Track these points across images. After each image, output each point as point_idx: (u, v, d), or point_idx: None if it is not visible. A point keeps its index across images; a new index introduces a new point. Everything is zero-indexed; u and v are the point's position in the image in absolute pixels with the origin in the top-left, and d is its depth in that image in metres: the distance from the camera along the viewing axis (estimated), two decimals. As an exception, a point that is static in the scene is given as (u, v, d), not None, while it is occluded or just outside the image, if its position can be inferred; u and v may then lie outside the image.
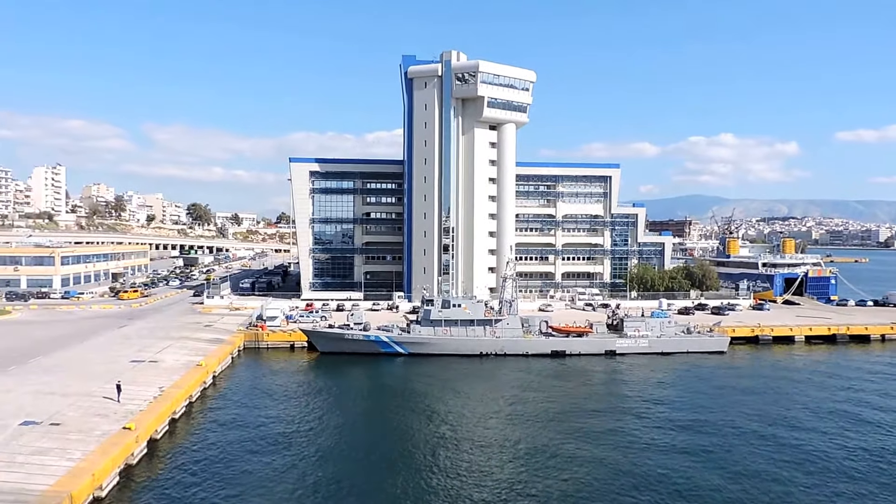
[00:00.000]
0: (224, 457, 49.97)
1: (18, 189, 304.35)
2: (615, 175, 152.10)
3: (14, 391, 58.24)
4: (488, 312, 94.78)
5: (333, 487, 44.58)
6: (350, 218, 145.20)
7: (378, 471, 47.88)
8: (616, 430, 58.23)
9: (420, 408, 66.09)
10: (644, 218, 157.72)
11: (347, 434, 57.08)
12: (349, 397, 72.48)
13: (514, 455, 51.40)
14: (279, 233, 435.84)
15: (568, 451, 52.30)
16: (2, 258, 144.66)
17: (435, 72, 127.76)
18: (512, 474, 47.17)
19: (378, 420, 62.56)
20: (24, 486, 37.39)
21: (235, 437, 55.03)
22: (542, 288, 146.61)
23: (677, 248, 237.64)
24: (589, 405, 67.14)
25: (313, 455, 51.02)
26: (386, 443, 54.53)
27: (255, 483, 44.82)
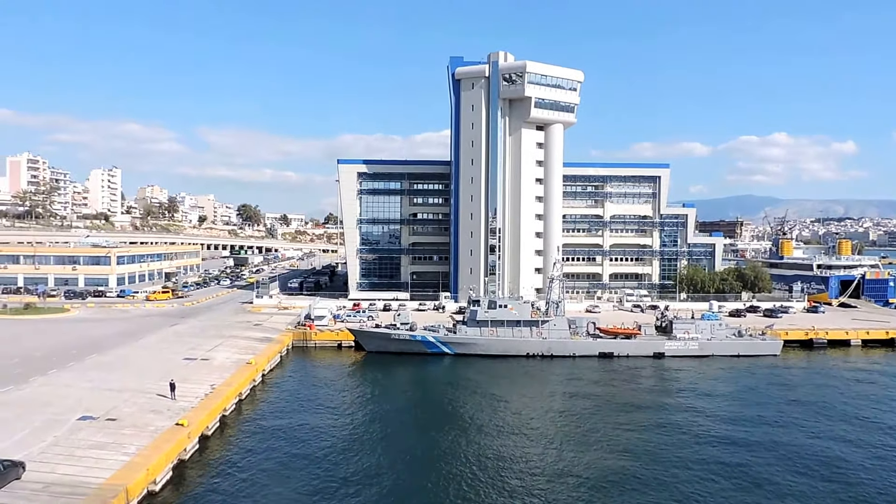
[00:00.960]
0: (272, 453, 51.13)
1: (77, 191, 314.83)
2: (664, 175, 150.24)
3: (73, 387, 60.50)
4: (535, 313, 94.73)
5: (378, 486, 45.25)
6: (397, 218, 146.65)
7: (422, 469, 48.42)
8: (663, 433, 57.57)
9: (466, 408, 66.58)
10: (694, 218, 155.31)
11: (393, 433, 57.76)
12: (395, 397, 73.36)
13: (558, 457, 51.29)
14: (327, 233, 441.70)
15: (613, 455, 52.03)
16: (61, 258, 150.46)
17: (482, 73, 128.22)
18: (554, 477, 47.10)
19: (423, 419, 63.13)
20: (82, 479, 38.80)
21: (283, 434, 56.19)
22: (590, 289, 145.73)
23: (728, 249, 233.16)
24: (636, 408, 66.60)
25: (359, 453, 51.80)
26: (430, 442, 55.00)
27: (302, 480, 45.80)
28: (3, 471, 37.07)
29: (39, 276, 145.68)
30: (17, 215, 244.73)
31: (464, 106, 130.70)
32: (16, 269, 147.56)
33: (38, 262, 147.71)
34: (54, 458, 41.79)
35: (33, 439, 45.10)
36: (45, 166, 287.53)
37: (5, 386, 59.71)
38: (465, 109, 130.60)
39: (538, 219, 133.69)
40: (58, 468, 40.18)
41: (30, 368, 67.20)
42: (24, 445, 43.58)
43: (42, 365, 69.04)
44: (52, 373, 65.80)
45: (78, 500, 35.84)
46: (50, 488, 37.19)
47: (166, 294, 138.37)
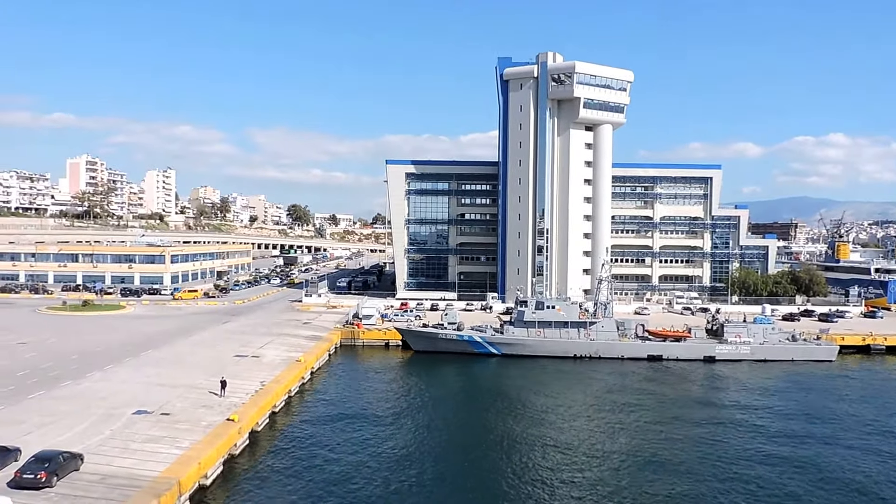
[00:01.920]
0: (319, 450, 51.67)
1: (133, 191, 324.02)
2: (716, 176, 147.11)
3: (128, 382, 62.17)
4: (583, 314, 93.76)
5: (421, 484, 45.43)
6: (445, 219, 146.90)
7: (465, 468, 48.32)
8: (710, 442, 55.89)
9: (512, 408, 66.26)
10: (746, 220, 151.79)
11: (438, 432, 57.91)
12: (442, 396, 73.47)
13: (604, 461, 50.60)
14: (375, 233, 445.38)
15: (660, 459, 50.99)
16: (117, 256, 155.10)
17: (530, 73, 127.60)
18: (599, 480, 46.38)
19: (469, 419, 63.17)
20: (137, 472, 39.76)
21: (331, 431, 56.82)
22: (638, 291, 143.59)
23: (782, 251, 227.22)
24: (686, 412, 65.43)
25: (405, 451, 52.05)
26: (475, 441, 54.92)
27: (348, 476, 46.15)
28: (63, 462, 38.27)
29: (97, 274, 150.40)
30: (77, 215, 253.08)
31: (512, 107, 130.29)
32: (75, 266, 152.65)
33: (95, 261, 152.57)
34: (111, 451, 42.98)
35: (91, 432, 46.48)
36: (102, 167, 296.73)
37: (65, 380, 61.75)
38: (513, 110, 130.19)
39: (586, 220, 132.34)
40: (114, 460, 41.31)
41: (88, 364, 69.37)
42: (82, 438, 44.94)
43: (99, 360, 71.17)
44: (108, 368, 67.77)
45: (133, 492, 36.76)
46: (106, 480, 38.24)
47: (194, 293, 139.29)
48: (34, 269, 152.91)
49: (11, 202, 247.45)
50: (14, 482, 36.42)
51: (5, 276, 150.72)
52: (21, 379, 61.88)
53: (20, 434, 44.85)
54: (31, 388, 58.62)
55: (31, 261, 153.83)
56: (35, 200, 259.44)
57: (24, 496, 35.21)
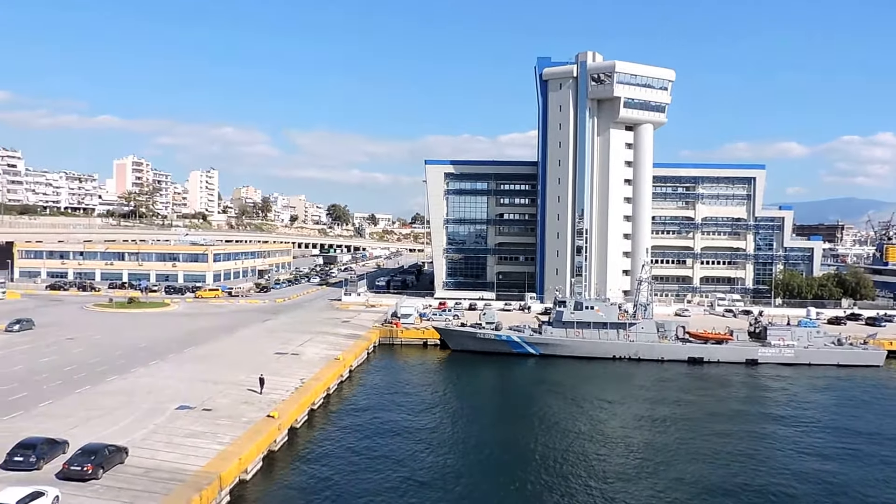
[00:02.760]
0: (357, 448, 52.03)
1: (177, 191, 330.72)
2: (760, 176, 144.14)
3: (172, 377, 63.38)
4: (622, 315, 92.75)
5: (457, 485, 45.36)
6: (483, 219, 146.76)
7: (502, 471, 48.04)
8: (752, 449, 54.70)
9: (550, 410, 65.81)
10: (791, 221, 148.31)
11: (476, 432, 57.84)
12: (479, 395, 73.51)
13: (641, 466, 49.81)
14: (413, 233, 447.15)
15: (697, 465, 50.13)
16: (162, 255, 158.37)
17: (570, 73, 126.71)
18: (634, 486, 45.74)
19: (506, 420, 62.86)
20: (179, 466, 40.55)
21: (369, 429, 57.14)
22: (679, 292, 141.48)
23: (828, 253, 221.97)
24: (727, 416, 64.20)
25: (441, 450, 52.13)
26: (512, 443, 54.63)
27: (385, 474, 46.42)
28: (109, 455, 39.21)
29: (142, 272, 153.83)
30: (123, 214, 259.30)
31: (551, 106, 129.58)
32: (121, 265, 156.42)
33: (141, 259, 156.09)
34: (154, 445, 43.90)
35: (136, 426, 47.53)
36: (148, 168, 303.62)
37: (111, 376, 63.30)
38: (552, 110, 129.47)
39: (626, 220, 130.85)
40: (157, 454, 42.19)
41: (133, 359, 71.00)
42: (127, 432, 45.98)
43: (144, 356, 72.79)
44: (153, 364, 69.26)
45: (175, 485, 37.49)
46: (150, 473, 39.06)
47: (214, 292, 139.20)
48: (82, 267, 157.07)
49: (61, 202, 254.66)
50: (62, 474, 37.43)
51: (55, 274, 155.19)
52: (69, 374, 63.62)
53: (68, 427, 46.12)
54: (78, 382, 60.22)
55: (79, 259, 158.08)
56: (83, 200, 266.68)
57: (71, 487, 36.15)
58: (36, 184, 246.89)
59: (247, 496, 41.67)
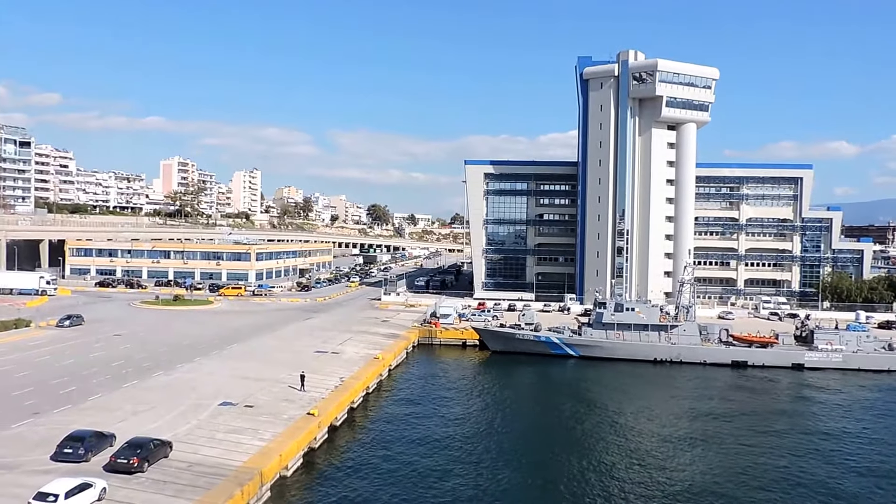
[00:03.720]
0: (396, 446, 52.31)
1: (221, 191, 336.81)
2: (807, 176, 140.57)
3: (215, 374, 64.53)
4: (664, 318, 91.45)
5: (495, 482, 45.28)
6: (523, 219, 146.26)
7: (537, 471, 47.85)
8: (797, 456, 53.31)
9: (589, 411, 65.29)
10: (840, 223, 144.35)
11: (513, 433, 57.66)
12: (518, 396, 73.20)
13: (680, 473, 48.90)
14: (453, 233, 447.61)
15: (738, 473, 48.69)
16: (206, 254, 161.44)
17: (611, 72, 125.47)
18: (672, 493, 45.03)
19: (544, 421, 62.47)
20: (221, 461, 41.19)
21: (407, 427, 57.41)
22: (723, 294, 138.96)
23: (878, 256, 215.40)
24: (771, 422, 62.71)
25: (479, 450, 52.03)
26: (549, 444, 54.33)
27: (423, 473, 46.53)
28: (154, 449, 40.10)
29: (187, 271, 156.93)
30: (169, 214, 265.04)
31: (592, 106, 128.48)
32: (167, 263, 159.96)
33: (186, 258, 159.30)
34: (197, 440, 44.73)
35: (179, 421, 48.52)
36: (193, 168, 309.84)
37: (156, 371, 64.72)
38: (592, 109, 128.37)
39: (668, 221, 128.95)
40: (200, 449, 42.96)
41: (177, 356, 72.46)
42: (171, 427, 46.96)
43: (188, 353, 74.24)
44: (197, 360, 70.61)
45: (218, 480, 38.12)
46: (193, 468, 39.82)
47: (237, 290, 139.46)
48: (130, 264, 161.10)
49: (110, 201, 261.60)
50: (109, 466, 38.39)
51: (104, 271, 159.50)
52: (116, 369, 65.25)
53: (115, 421, 47.30)
54: (125, 377, 61.73)
55: (126, 257, 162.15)
56: (131, 200, 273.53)
57: (118, 480, 37.03)
58: (86, 183, 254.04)
59: (287, 492, 42.15)
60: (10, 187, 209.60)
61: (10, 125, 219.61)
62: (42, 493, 32.82)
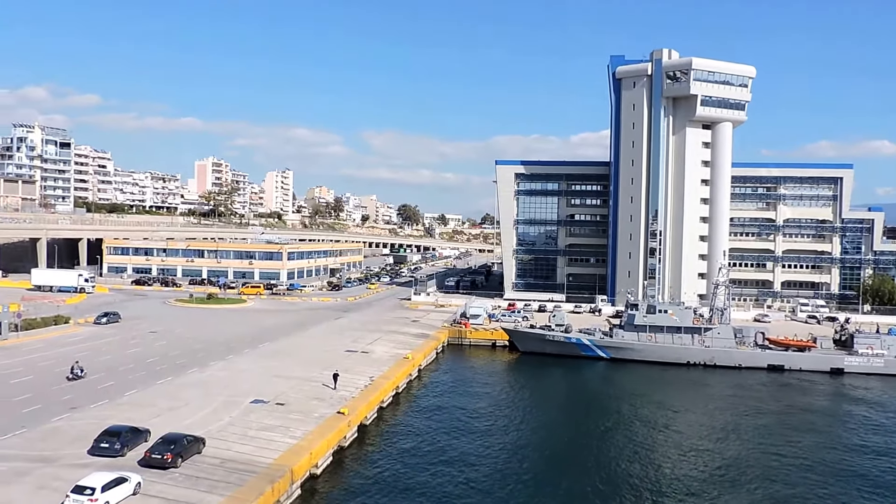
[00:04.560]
0: (425, 446, 52.32)
1: (254, 191, 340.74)
2: (847, 176, 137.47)
3: (247, 372, 65.16)
4: (697, 320, 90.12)
5: (524, 486, 45.00)
6: (554, 219, 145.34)
7: (566, 475, 47.30)
8: (838, 464, 51.92)
9: (620, 414, 64.55)
10: (881, 224, 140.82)
11: (543, 435, 57.30)
12: (548, 398, 72.76)
13: (713, 482, 47.99)
14: (483, 233, 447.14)
15: (775, 483, 47.51)
16: (239, 253, 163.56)
17: (644, 71, 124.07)
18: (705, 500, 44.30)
19: (574, 423, 61.92)
20: (253, 458, 41.54)
21: (436, 428, 57.36)
22: (759, 297, 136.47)
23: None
24: (809, 428, 61.35)
25: (509, 451, 51.77)
26: (578, 447, 53.81)
27: (452, 474, 46.39)
28: (187, 445, 40.58)
29: (220, 269, 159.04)
30: (203, 213, 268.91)
31: (624, 105, 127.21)
32: (201, 262, 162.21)
33: (219, 257, 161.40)
34: (230, 437, 45.18)
35: (213, 418, 49.06)
36: (227, 169, 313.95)
37: (190, 368, 65.61)
38: (625, 109, 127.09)
39: (703, 221, 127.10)
40: (233, 446, 43.38)
41: (211, 353, 73.39)
42: (205, 423, 47.49)
43: (221, 350, 75.15)
44: (229, 358, 71.44)
45: (249, 476, 38.44)
46: (226, 464, 40.20)
47: (256, 289, 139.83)
48: (165, 263, 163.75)
49: (146, 201, 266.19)
50: (144, 461, 38.94)
51: (140, 270, 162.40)
52: (151, 365, 66.29)
53: (150, 416, 48.00)
54: (160, 374, 62.67)
55: (162, 256, 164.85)
56: (166, 200, 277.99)
57: (152, 475, 37.54)
58: (124, 183, 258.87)
59: (317, 490, 42.37)
60: (50, 187, 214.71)
61: (51, 126, 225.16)
62: (80, 486, 33.37)
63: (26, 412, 48.70)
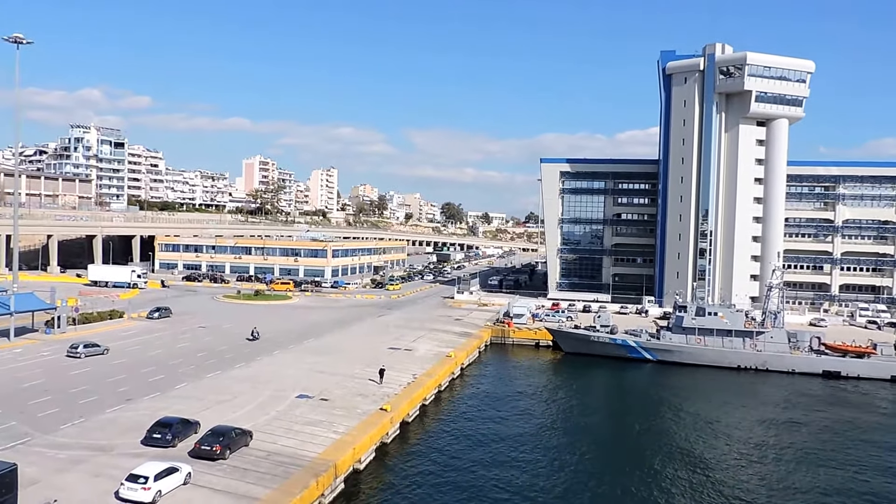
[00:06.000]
0: (466, 444, 52.03)
1: (299, 189, 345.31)
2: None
3: (292, 367, 65.76)
4: (749, 323, 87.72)
5: (565, 488, 44.30)
6: (600, 218, 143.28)
7: (612, 480, 46.37)
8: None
9: (667, 421, 62.85)
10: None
11: (586, 437, 56.41)
12: (591, 400, 71.76)
13: (763, 492, 46.56)
14: (527, 232, 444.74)
15: (829, 493, 45.69)
16: (285, 250, 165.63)
17: (696, 66, 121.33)
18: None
19: (619, 427, 60.75)
20: (298, 452, 41.89)
21: (478, 426, 57.03)
22: (814, 300, 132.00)
23: None
24: (866, 439, 58.72)
25: (551, 453, 51.14)
26: (622, 451, 52.73)
27: (492, 474, 45.97)
28: (235, 437, 41.02)
29: (267, 266, 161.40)
30: (250, 211, 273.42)
31: (675, 102, 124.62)
32: (248, 259, 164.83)
33: (266, 254, 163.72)
34: (276, 431, 45.52)
35: (259, 412, 49.55)
36: (273, 167, 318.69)
37: (238, 363, 66.51)
38: (675, 105, 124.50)
39: (756, 222, 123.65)
40: (279, 439, 43.70)
41: (257, 348, 74.32)
42: (252, 417, 48.00)
43: (267, 346, 75.98)
44: (275, 353, 72.21)
45: (294, 470, 38.66)
46: (272, 457, 40.50)
47: (286, 285, 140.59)
48: (214, 260, 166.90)
49: (196, 199, 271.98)
50: (194, 452, 39.50)
51: (190, 266, 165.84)
52: (201, 359, 67.40)
53: (199, 409, 48.75)
54: (209, 368, 63.68)
55: (211, 253, 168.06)
56: (215, 198, 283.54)
57: (202, 465, 38.03)
58: (174, 182, 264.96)
59: (360, 485, 42.42)
60: (105, 185, 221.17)
61: (105, 127, 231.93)
62: (134, 474, 34.01)
63: (83, 403, 50.00)
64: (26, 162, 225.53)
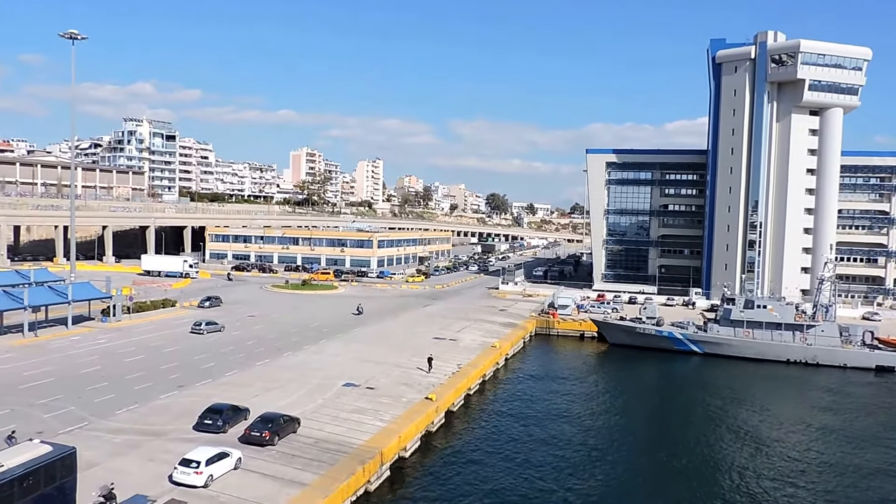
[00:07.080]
0: (510, 434, 52.30)
1: (345, 181, 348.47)
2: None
3: (339, 356, 67.06)
4: (799, 316, 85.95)
5: (608, 481, 44.46)
6: (646, 210, 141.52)
7: (655, 474, 46.30)
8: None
9: (712, 413, 62.33)
10: None
11: (630, 431, 56.18)
12: (637, 393, 71.26)
13: (807, 489, 45.86)
14: (572, 223, 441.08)
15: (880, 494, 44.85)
16: (331, 240, 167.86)
17: (747, 55, 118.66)
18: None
19: (666, 423, 60.06)
20: (344, 439, 42.81)
21: (522, 417, 57.25)
22: (868, 294, 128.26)
23: None
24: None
25: (595, 446, 51.07)
26: (668, 446, 52.23)
27: (536, 464, 46.23)
28: (284, 424, 42.22)
29: (314, 256, 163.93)
30: (297, 202, 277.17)
31: (724, 91, 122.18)
32: (296, 249, 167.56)
33: (313, 244, 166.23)
34: (323, 418, 46.65)
35: (307, 400, 50.79)
36: (320, 159, 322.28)
37: (286, 351, 68.08)
38: (725, 95, 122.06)
39: (808, 213, 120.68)
40: (325, 427, 44.78)
41: (305, 337, 75.86)
42: (299, 404, 49.24)
43: (314, 335, 77.52)
44: (322, 342, 73.62)
45: (341, 457, 39.62)
46: (319, 444, 41.57)
47: (326, 275, 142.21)
48: (262, 250, 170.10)
49: (245, 190, 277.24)
50: (243, 438, 40.80)
51: (239, 256, 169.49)
52: (250, 348, 69.19)
53: (249, 396, 50.21)
54: (258, 356, 65.35)
55: (259, 243, 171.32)
56: (263, 189, 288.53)
57: (251, 451, 39.29)
58: (224, 174, 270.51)
59: (405, 473, 43.16)
60: (158, 177, 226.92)
61: (157, 120, 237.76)
62: (186, 459, 35.30)
63: (138, 389, 51.94)
64: (82, 155, 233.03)
